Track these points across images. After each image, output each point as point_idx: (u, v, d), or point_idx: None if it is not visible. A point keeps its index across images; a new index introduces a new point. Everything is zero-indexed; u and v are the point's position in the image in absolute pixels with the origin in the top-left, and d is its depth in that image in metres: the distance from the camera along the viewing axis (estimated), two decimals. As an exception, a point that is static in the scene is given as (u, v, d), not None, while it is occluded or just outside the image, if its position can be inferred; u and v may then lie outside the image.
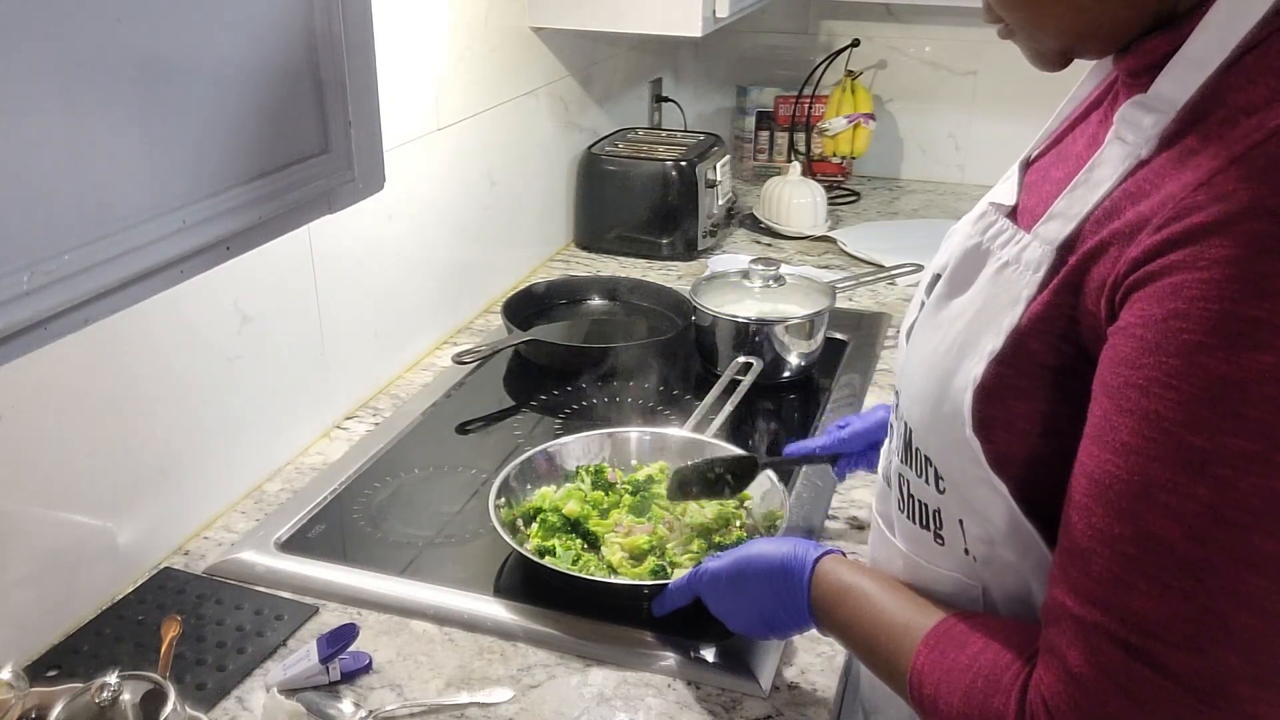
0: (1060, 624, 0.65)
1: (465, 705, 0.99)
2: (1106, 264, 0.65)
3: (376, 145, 0.86)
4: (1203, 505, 0.58)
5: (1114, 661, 0.61)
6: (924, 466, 0.79)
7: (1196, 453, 0.58)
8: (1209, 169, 0.61)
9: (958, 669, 0.71)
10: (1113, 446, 0.62)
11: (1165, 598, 0.60)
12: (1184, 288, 0.59)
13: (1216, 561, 0.58)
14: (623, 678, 1.03)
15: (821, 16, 2.70)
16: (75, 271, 0.61)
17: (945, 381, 0.75)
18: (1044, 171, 0.80)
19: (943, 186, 2.67)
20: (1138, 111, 0.67)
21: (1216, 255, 0.58)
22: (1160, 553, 0.60)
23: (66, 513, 1.07)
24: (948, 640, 0.74)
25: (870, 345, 1.74)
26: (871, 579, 0.85)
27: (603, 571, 1.12)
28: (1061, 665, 0.64)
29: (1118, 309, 0.64)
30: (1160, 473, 0.60)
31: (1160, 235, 0.61)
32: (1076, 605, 0.63)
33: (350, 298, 1.49)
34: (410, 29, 1.55)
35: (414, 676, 1.03)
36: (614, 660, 1.05)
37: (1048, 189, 0.77)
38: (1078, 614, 0.63)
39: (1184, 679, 0.59)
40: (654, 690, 1.01)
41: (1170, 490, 0.59)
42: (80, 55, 0.59)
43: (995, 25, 0.75)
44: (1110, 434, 0.62)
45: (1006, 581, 0.77)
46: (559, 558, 1.13)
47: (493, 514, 1.16)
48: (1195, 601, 0.59)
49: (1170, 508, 0.59)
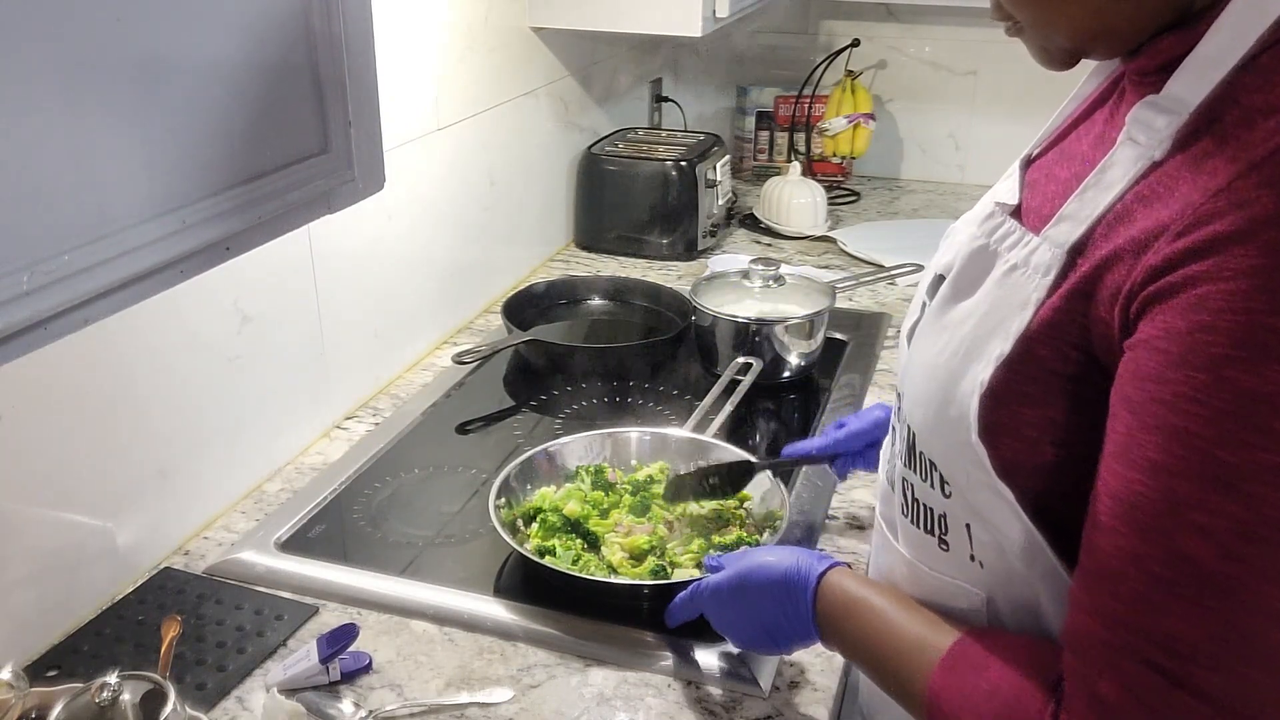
0: (1087, 651, 0.63)
1: (465, 705, 0.99)
2: (1121, 271, 0.64)
3: (376, 145, 0.86)
4: (1233, 522, 0.57)
5: (1146, 686, 0.60)
6: (929, 471, 0.78)
7: (1226, 468, 0.57)
8: (1228, 174, 0.60)
9: (979, 695, 0.69)
10: (1139, 464, 0.60)
11: (1197, 618, 0.58)
12: (1208, 299, 0.58)
13: (1249, 579, 0.57)
14: (623, 678, 1.03)
15: (821, 16, 2.70)
16: (75, 271, 0.61)
17: (951, 385, 0.74)
18: (1047, 170, 0.79)
19: (943, 186, 2.67)
20: (1150, 112, 0.66)
21: (1240, 265, 0.57)
22: (1191, 572, 0.58)
23: (66, 513, 1.07)
24: (965, 663, 0.72)
25: (870, 345, 1.74)
26: (879, 593, 0.83)
27: (603, 571, 1.12)
28: (1091, 694, 0.62)
29: (1133, 319, 0.63)
30: (1189, 490, 0.58)
31: (1180, 243, 0.60)
32: (1104, 629, 0.62)
33: (350, 298, 1.49)
34: (410, 29, 1.55)
35: (414, 676, 1.03)
36: (614, 660, 1.05)
37: (1053, 188, 0.76)
38: (1105, 639, 0.62)
39: (1218, 701, 0.58)
40: (654, 690, 1.01)
41: (1200, 508, 0.58)
42: (80, 55, 0.59)
43: (1002, 23, 0.74)
44: (1136, 451, 0.61)
45: (1014, 589, 0.75)
46: (559, 558, 1.13)
47: (493, 514, 1.16)
48: (1228, 621, 0.58)
49: (1200, 526, 0.58)
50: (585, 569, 1.12)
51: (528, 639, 1.08)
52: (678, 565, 1.13)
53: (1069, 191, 0.71)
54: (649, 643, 1.06)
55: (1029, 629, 0.75)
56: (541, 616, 1.10)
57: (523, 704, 0.99)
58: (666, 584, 1.08)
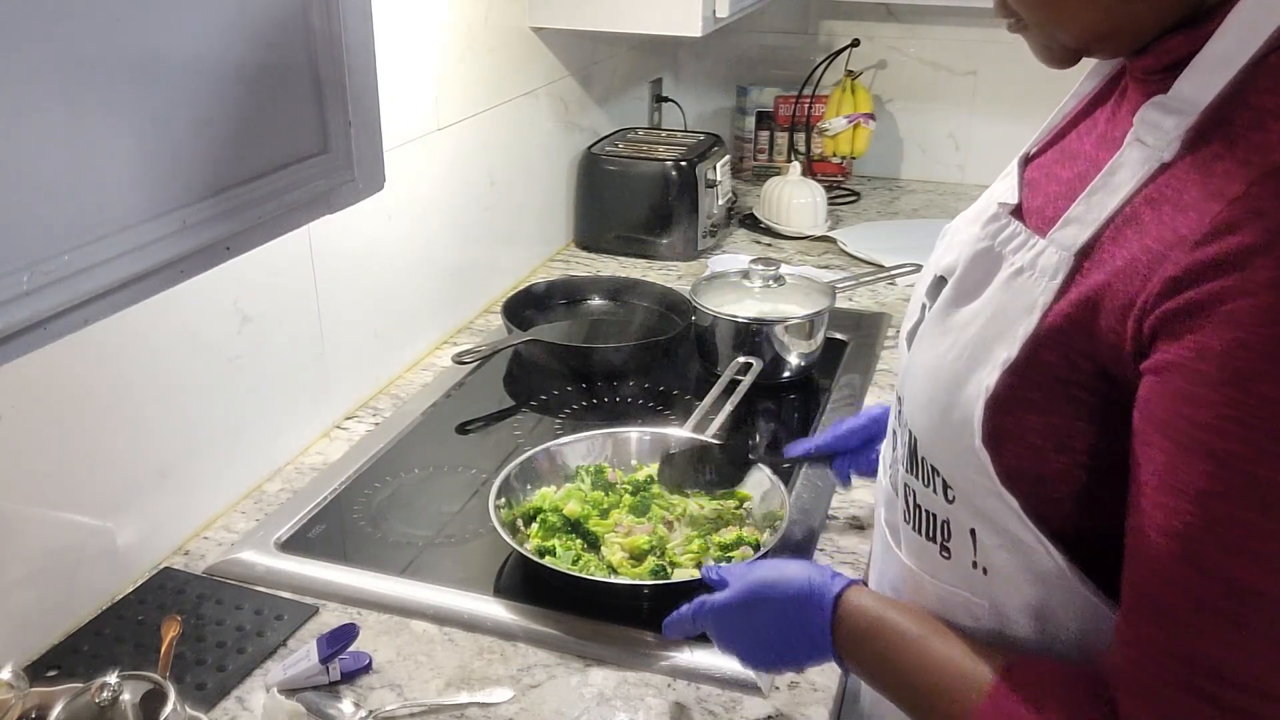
0: (1140, 690, 0.61)
1: (465, 705, 0.99)
2: (1134, 281, 0.62)
3: (376, 145, 0.86)
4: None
5: (1201, 718, 0.58)
6: (931, 476, 0.76)
7: (1273, 489, 0.55)
8: (1243, 180, 0.58)
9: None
10: (1182, 491, 0.58)
11: (1253, 646, 0.57)
12: (1237, 315, 0.56)
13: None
14: (623, 678, 1.03)
15: (821, 16, 2.70)
16: (75, 271, 0.61)
17: (954, 390, 0.72)
18: (1047, 169, 0.78)
19: (943, 186, 2.67)
20: (1158, 113, 0.65)
21: (1266, 278, 0.55)
22: (1244, 599, 0.57)
23: (66, 513, 1.07)
24: (1013, 702, 0.68)
25: (870, 345, 1.74)
26: (901, 613, 0.79)
27: (603, 571, 1.12)
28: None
29: (1150, 334, 0.61)
30: (1237, 513, 0.56)
31: (1200, 255, 0.58)
32: (1155, 664, 0.60)
33: (350, 298, 1.49)
34: (410, 29, 1.55)
35: (414, 676, 1.03)
36: (614, 660, 1.05)
37: (1054, 188, 0.74)
38: (1156, 673, 0.60)
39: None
40: (654, 690, 1.01)
41: (1250, 532, 0.56)
42: (79, 55, 0.59)
43: (1006, 20, 0.73)
44: (1177, 478, 0.59)
45: (1018, 596, 0.73)
46: (559, 558, 1.13)
47: (493, 514, 1.16)
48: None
49: (1252, 551, 0.56)
50: (585, 569, 1.12)
51: (528, 639, 1.08)
52: (678, 565, 1.13)
53: (1073, 192, 0.70)
54: (649, 643, 1.06)
55: (1034, 636, 0.74)
56: (541, 616, 1.10)
57: (523, 704, 0.99)
58: (666, 584, 1.08)
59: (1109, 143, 0.71)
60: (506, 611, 1.11)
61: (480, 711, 0.99)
